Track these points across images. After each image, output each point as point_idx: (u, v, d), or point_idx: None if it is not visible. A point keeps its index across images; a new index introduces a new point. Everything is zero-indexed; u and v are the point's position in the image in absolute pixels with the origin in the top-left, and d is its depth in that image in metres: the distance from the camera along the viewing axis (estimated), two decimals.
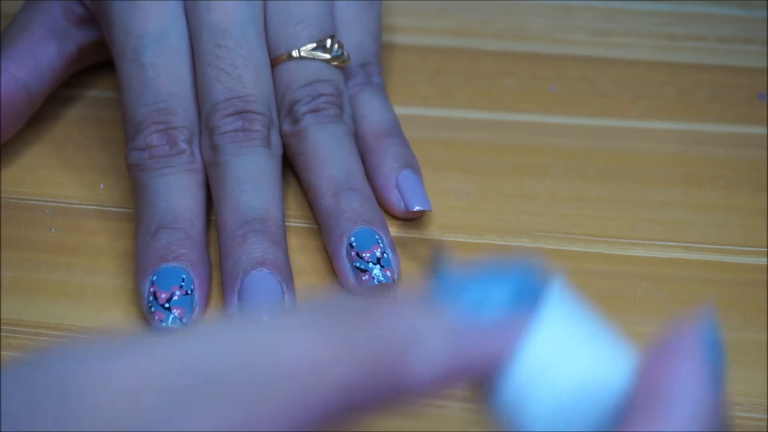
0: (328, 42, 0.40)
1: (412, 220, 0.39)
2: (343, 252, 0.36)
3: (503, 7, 0.50)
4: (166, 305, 0.34)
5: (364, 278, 0.36)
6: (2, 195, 0.40)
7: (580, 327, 0.23)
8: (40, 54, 0.40)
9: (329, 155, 0.38)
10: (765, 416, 0.33)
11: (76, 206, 0.40)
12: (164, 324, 0.34)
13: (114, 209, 0.39)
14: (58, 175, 0.41)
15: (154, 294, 0.34)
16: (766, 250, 0.38)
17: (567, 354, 0.23)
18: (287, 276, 0.35)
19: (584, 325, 0.23)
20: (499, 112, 0.44)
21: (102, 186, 0.40)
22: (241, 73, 0.38)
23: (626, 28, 0.49)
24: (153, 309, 0.34)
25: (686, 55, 0.48)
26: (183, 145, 0.37)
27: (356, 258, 0.36)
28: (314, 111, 0.39)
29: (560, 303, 0.23)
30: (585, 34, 0.49)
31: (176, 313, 0.34)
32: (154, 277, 0.35)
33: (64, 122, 0.43)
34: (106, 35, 0.40)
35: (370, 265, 0.36)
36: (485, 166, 0.42)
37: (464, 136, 0.43)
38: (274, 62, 0.39)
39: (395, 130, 0.41)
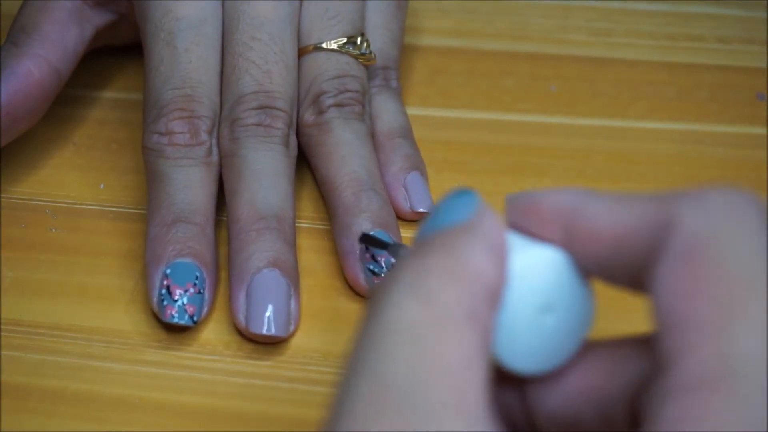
0: (358, 39, 0.40)
1: (413, 221, 0.39)
2: (357, 250, 0.36)
3: (503, 7, 0.50)
4: (178, 301, 0.34)
5: (376, 282, 0.36)
6: (2, 195, 0.40)
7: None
8: (66, 38, 0.40)
9: (352, 152, 0.38)
10: None
11: (77, 206, 0.40)
12: (175, 320, 0.34)
13: (114, 209, 0.39)
14: (59, 175, 0.41)
15: (168, 288, 0.34)
16: None
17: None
18: (295, 278, 0.35)
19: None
20: (499, 112, 0.44)
21: (102, 186, 0.40)
22: (271, 68, 0.38)
23: (626, 28, 0.49)
24: (165, 302, 0.34)
25: (686, 55, 0.48)
26: (204, 136, 0.37)
27: (370, 260, 0.36)
28: (339, 105, 0.39)
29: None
30: (585, 34, 0.49)
31: (188, 310, 0.34)
32: (168, 270, 0.34)
33: (64, 122, 0.43)
34: (138, 14, 0.39)
35: (384, 270, 0.36)
36: (485, 166, 0.42)
37: (464, 136, 0.43)
38: (303, 51, 0.40)
39: (407, 133, 0.41)
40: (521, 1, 0.50)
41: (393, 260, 0.36)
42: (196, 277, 0.35)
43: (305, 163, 0.40)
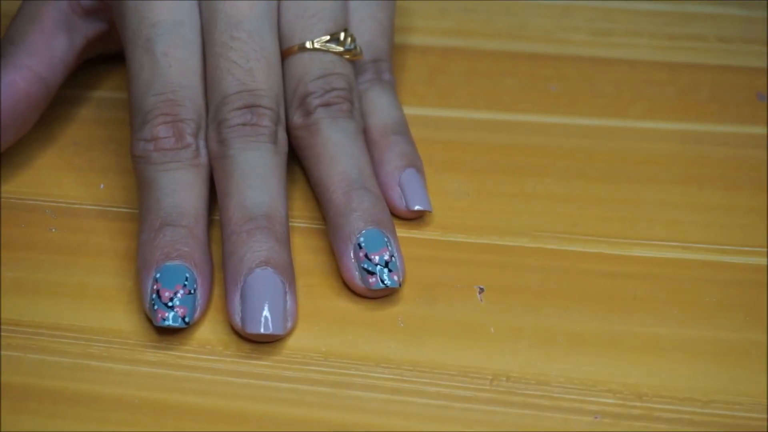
0: (342, 35, 0.40)
1: (411, 219, 0.39)
2: (350, 250, 0.36)
3: (503, 6, 0.50)
4: (169, 304, 0.34)
5: (371, 280, 0.36)
6: (2, 195, 0.40)
7: None
8: (54, 47, 0.40)
9: (341, 151, 0.38)
10: (765, 416, 0.33)
11: (76, 206, 0.40)
12: (166, 322, 0.34)
13: (114, 209, 0.39)
14: (59, 175, 0.41)
15: (158, 292, 0.34)
16: (766, 250, 0.38)
17: None
18: (290, 276, 0.35)
19: None
20: (498, 112, 0.44)
21: (102, 186, 0.40)
22: (253, 66, 0.38)
23: (626, 28, 0.49)
24: (156, 307, 0.34)
25: (686, 55, 0.48)
26: (189, 139, 0.37)
27: (364, 259, 0.36)
28: (326, 105, 0.39)
29: None
30: (585, 34, 0.49)
31: (179, 312, 0.34)
32: (158, 275, 0.35)
33: (64, 122, 0.43)
34: (117, 22, 0.39)
35: (378, 267, 0.36)
36: (485, 166, 0.42)
37: (464, 136, 0.43)
38: (287, 53, 0.39)
39: (402, 128, 0.41)
40: (521, 1, 0.50)
41: (387, 258, 0.36)
42: (186, 279, 0.35)
43: (300, 164, 0.40)
